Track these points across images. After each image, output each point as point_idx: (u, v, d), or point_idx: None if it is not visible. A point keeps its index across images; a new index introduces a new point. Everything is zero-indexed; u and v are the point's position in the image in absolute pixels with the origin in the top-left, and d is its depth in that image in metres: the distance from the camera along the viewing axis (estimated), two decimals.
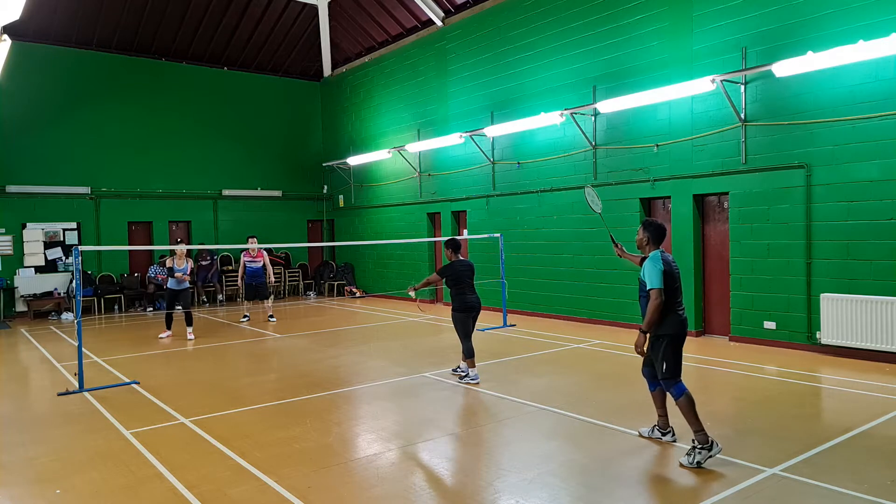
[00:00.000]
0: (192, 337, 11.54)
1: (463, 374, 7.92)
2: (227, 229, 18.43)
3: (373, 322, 13.47)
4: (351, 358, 9.60)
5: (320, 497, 4.52)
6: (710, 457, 4.86)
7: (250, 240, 13.70)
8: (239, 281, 14.18)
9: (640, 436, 5.55)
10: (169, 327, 11.86)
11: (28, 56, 15.43)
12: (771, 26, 9.24)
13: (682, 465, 4.88)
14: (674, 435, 5.43)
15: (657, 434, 5.48)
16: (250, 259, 13.59)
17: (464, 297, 7.79)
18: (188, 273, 11.58)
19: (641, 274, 5.17)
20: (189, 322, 11.71)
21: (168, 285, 11.71)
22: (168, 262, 11.70)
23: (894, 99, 8.07)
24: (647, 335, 5.16)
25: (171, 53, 17.84)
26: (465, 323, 7.78)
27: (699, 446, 4.88)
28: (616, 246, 6.17)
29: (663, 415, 5.47)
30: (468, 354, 7.77)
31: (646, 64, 10.91)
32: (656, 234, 5.28)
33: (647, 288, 5.07)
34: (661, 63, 10.68)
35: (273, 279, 14.16)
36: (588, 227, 11.93)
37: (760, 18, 9.36)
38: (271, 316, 13.91)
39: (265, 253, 13.74)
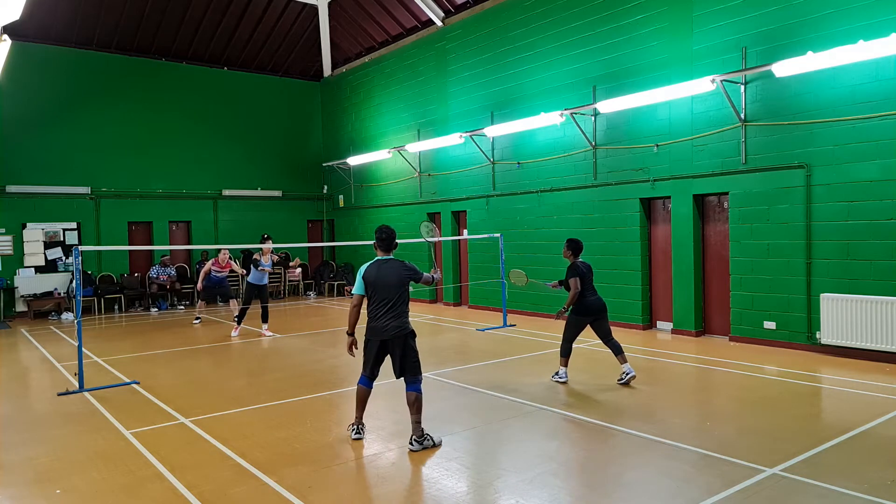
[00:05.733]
0: (271, 334, 11.74)
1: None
2: (227, 229, 18.44)
3: None
4: (351, 358, 9.52)
5: (320, 497, 4.52)
6: (359, 437, 5.67)
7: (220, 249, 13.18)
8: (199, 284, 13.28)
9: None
10: (240, 323, 11.85)
11: (28, 56, 15.43)
12: (771, 26, 9.24)
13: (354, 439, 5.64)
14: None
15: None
16: (218, 269, 13.00)
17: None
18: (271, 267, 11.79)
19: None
20: (266, 318, 11.84)
21: (250, 280, 11.73)
22: (256, 255, 11.74)
23: (894, 99, 8.07)
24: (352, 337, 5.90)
25: (171, 54, 17.84)
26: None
27: (356, 424, 5.72)
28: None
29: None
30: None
31: (646, 64, 10.91)
32: (384, 243, 5.65)
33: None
34: (660, 63, 10.68)
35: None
36: (588, 228, 11.93)
37: (760, 18, 9.36)
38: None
39: (233, 263, 13.16)
